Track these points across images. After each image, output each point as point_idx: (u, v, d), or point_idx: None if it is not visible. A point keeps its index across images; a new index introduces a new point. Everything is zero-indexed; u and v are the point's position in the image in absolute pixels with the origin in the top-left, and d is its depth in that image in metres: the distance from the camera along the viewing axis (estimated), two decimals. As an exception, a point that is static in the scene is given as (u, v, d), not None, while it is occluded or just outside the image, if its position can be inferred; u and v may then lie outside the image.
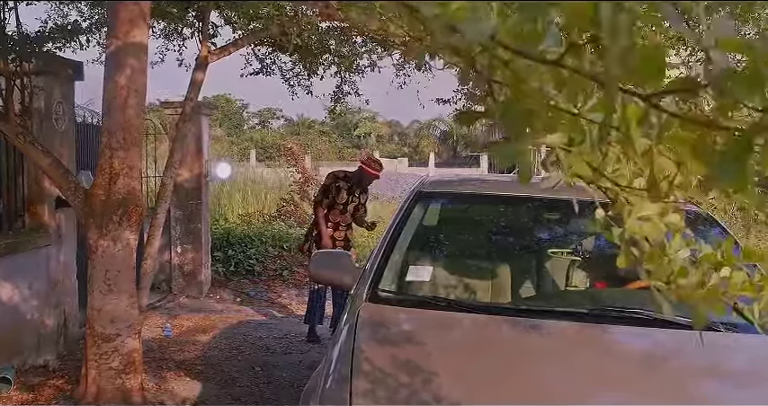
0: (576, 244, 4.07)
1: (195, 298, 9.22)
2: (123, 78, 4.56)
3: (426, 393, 2.35)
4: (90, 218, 4.65)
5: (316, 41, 7.56)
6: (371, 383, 2.38)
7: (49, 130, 5.85)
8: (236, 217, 14.12)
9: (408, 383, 2.40)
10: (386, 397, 2.33)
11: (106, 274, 4.68)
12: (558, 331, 3.01)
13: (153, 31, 7.76)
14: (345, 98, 9.16)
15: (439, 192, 4.32)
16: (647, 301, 3.30)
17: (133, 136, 4.66)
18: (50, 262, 6.00)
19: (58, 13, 7.40)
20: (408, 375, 2.45)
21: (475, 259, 3.95)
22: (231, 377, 6.06)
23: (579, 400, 2.39)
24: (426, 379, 2.43)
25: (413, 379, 2.43)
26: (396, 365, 2.53)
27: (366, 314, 3.02)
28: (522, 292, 3.72)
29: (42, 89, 5.67)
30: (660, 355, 2.92)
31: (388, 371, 2.48)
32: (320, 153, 42.51)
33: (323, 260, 3.84)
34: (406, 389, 2.37)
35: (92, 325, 4.76)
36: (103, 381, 4.75)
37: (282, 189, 16.05)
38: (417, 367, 2.50)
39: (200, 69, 6.77)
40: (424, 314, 3.12)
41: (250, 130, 61.10)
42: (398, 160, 46.64)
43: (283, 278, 10.69)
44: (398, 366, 2.52)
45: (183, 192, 9.11)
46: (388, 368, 2.50)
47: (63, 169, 4.88)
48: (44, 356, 5.90)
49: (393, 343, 2.78)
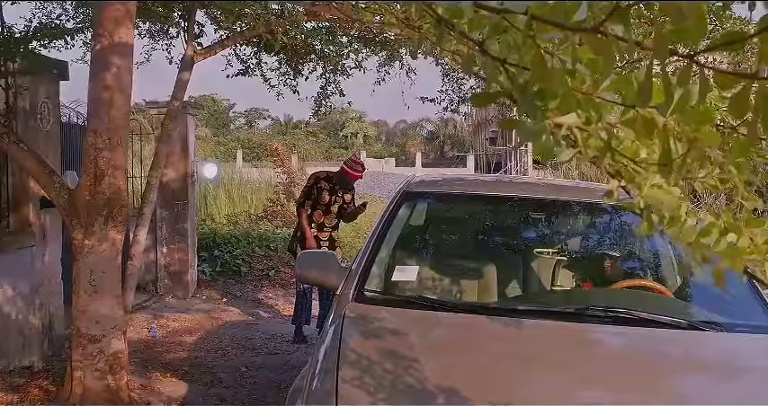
0: (562, 244, 4.09)
1: (181, 299, 9.19)
2: (109, 78, 4.55)
3: (412, 393, 2.35)
4: (75, 218, 4.63)
5: (301, 41, 7.56)
6: (357, 384, 2.38)
7: (33, 130, 5.82)
8: (223, 218, 14.11)
9: (394, 383, 2.41)
10: (372, 398, 2.33)
11: (91, 274, 4.66)
12: (543, 331, 3.02)
13: (139, 32, 7.75)
14: (330, 98, 9.15)
15: (425, 192, 4.33)
16: (632, 300, 3.32)
17: (119, 136, 4.64)
18: (35, 263, 5.96)
19: (44, 11, 7.36)
20: (394, 375, 2.45)
21: (461, 258, 3.96)
22: (217, 378, 6.04)
23: (564, 398, 2.40)
24: (412, 378, 2.43)
25: (399, 379, 2.44)
26: (382, 365, 2.53)
27: (352, 314, 3.02)
28: (509, 291, 3.73)
29: (27, 89, 5.63)
30: (644, 354, 2.94)
31: (374, 371, 2.48)
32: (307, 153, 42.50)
33: (309, 260, 3.84)
34: (391, 389, 2.37)
35: (77, 326, 4.74)
36: (89, 382, 4.73)
37: (269, 190, 16.03)
38: (403, 367, 2.50)
39: (185, 69, 6.76)
40: (410, 314, 3.12)
41: (237, 130, 61.04)
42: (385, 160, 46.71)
43: (270, 278, 10.67)
44: (384, 366, 2.52)
45: (169, 192, 9.09)
46: (374, 368, 2.50)
47: (48, 169, 4.86)
48: (29, 357, 5.87)
49: (379, 344, 2.78)
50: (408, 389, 2.38)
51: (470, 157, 40.98)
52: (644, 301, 3.36)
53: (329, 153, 51.54)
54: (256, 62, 8.54)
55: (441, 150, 59.46)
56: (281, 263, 10.89)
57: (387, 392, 2.36)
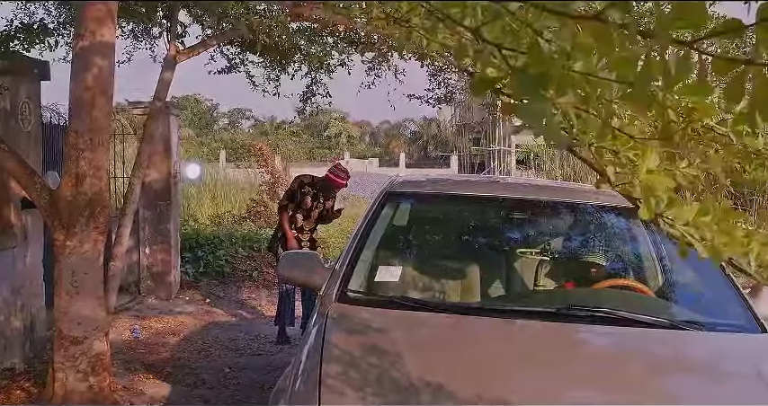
0: (545, 244, 4.11)
1: (164, 300, 9.14)
2: (90, 78, 4.52)
3: (395, 394, 2.36)
4: (56, 219, 4.60)
5: (286, 41, 7.56)
6: (340, 384, 2.39)
7: (14, 130, 5.77)
8: (206, 218, 14.05)
9: (377, 384, 2.41)
10: (354, 397, 2.33)
11: (73, 276, 4.64)
12: (526, 330, 3.04)
13: (122, 31, 7.72)
14: (315, 98, 9.16)
15: (408, 192, 4.33)
16: (614, 300, 3.35)
17: (100, 137, 4.62)
18: (16, 264, 5.92)
19: (25, 11, 7.31)
20: (377, 376, 2.46)
21: (444, 259, 3.97)
22: (201, 379, 6.03)
23: (546, 398, 2.41)
24: (395, 379, 2.44)
25: (381, 379, 2.44)
26: (365, 365, 2.54)
27: (335, 315, 3.03)
28: (492, 291, 3.75)
29: (8, 89, 5.59)
30: (627, 353, 2.96)
31: (357, 371, 2.49)
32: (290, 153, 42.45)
33: (291, 260, 3.84)
34: (374, 389, 2.38)
35: (59, 327, 4.71)
36: (71, 383, 4.70)
37: (252, 190, 15.99)
38: (386, 368, 2.51)
39: (168, 69, 6.74)
40: (394, 315, 3.13)
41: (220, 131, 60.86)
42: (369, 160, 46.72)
43: (253, 278, 10.65)
44: (367, 366, 2.53)
45: (151, 193, 9.05)
46: (357, 368, 2.51)
47: (29, 169, 4.82)
48: (11, 359, 5.82)
49: (362, 344, 2.78)
50: (391, 389, 2.39)
51: (454, 158, 41.04)
52: (626, 301, 3.39)
53: (313, 153, 51.49)
54: (240, 61, 8.54)
55: (424, 150, 59.53)
56: (265, 264, 10.86)
57: (369, 392, 2.36)
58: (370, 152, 57.74)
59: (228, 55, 8.47)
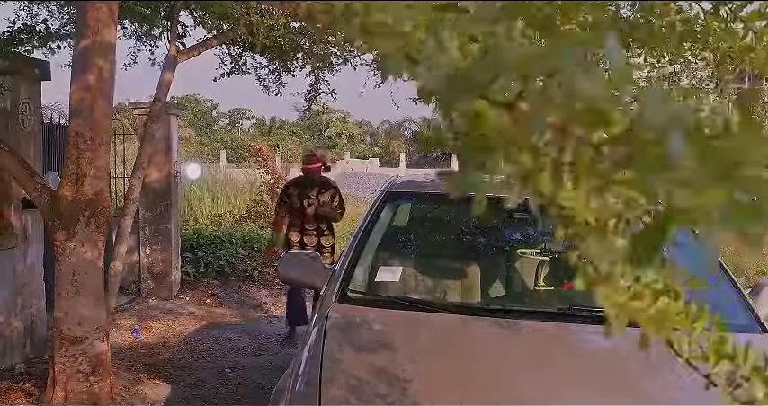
0: (545, 244, 4.11)
1: (165, 300, 9.13)
2: (91, 78, 4.52)
3: (395, 395, 2.36)
4: (57, 220, 4.60)
5: (288, 41, 7.54)
6: (341, 385, 2.39)
7: (14, 130, 5.77)
8: (206, 218, 14.03)
9: (377, 385, 2.41)
10: (355, 398, 2.33)
11: (73, 276, 4.63)
12: (527, 331, 3.04)
13: (124, 32, 7.71)
14: (320, 96, 9.15)
15: (409, 192, 4.33)
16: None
17: (101, 137, 4.61)
18: (16, 264, 5.92)
19: (28, 13, 7.29)
20: (378, 377, 2.46)
21: (445, 259, 3.97)
22: (201, 379, 6.03)
23: (548, 398, 2.41)
24: (396, 380, 2.43)
25: (382, 380, 2.44)
26: (365, 366, 2.54)
27: (335, 315, 3.03)
28: (492, 292, 3.75)
29: (8, 89, 5.60)
30: (628, 353, 2.95)
31: (357, 372, 2.49)
32: (291, 153, 42.44)
33: (291, 261, 3.84)
34: (375, 390, 2.38)
35: (59, 328, 4.71)
36: (72, 384, 4.70)
37: (252, 190, 15.97)
38: (387, 368, 2.51)
39: (168, 69, 6.73)
40: (394, 315, 3.13)
41: (220, 131, 60.89)
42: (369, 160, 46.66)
43: (254, 278, 10.64)
44: (368, 367, 2.53)
45: (152, 193, 9.04)
46: (357, 369, 2.51)
47: (29, 170, 4.81)
48: (11, 359, 5.83)
49: (362, 344, 2.78)
50: (391, 390, 2.38)
51: (454, 158, 40.99)
52: None
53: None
54: (242, 62, 8.53)
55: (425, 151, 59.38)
56: (265, 264, 10.86)
57: (369, 392, 2.36)
58: (370, 152, 57.69)
59: (235, 56, 8.46)
